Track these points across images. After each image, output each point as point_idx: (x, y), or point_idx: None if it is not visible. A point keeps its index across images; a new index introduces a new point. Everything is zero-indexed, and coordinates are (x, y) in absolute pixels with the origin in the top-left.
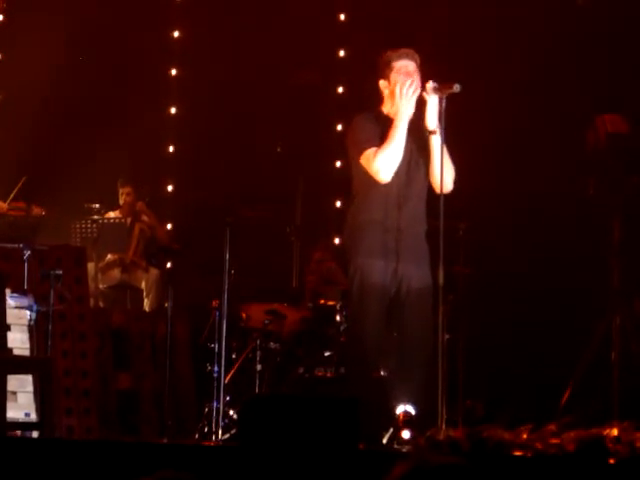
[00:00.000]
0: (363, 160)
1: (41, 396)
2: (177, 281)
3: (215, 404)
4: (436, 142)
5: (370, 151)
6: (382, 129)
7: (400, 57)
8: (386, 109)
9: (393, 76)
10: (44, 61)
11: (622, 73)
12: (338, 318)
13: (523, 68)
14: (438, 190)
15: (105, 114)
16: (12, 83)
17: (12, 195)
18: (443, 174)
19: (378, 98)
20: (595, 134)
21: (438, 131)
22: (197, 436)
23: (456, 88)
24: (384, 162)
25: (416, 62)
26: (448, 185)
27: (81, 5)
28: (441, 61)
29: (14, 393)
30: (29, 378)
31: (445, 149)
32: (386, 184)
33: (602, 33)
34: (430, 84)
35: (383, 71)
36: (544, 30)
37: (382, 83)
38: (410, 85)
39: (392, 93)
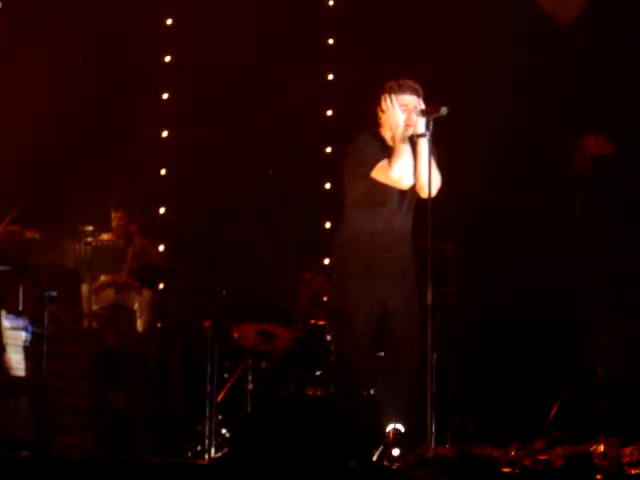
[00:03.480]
0: (377, 172)
1: (36, 416)
2: (169, 302)
3: (208, 423)
4: (424, 145)
5: (384, 162)
6: (384, 148)
7: (402, 91)
8: (384, 133)
9: (391, 110)
10: (37, 81)
11: (607, 94)
12: (328, 338)
13: (509, 88)
14: (423, 194)
15: (96, 138)
16: (5, 102)
17: (6, 222)
18: (431, 177)
19: (376, 120)
20: (580, 156)
21: (427, 135)
22: (190, 454)
23: (443, 111)
24: (402, 168)
25: (418, 95)
26: (432, 190)
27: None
28: (430, 83)
29: None
30: None
31: (433, 159)
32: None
33: (588, 55)
34: (417, 107)
35: (383, 101)
36: (530, 52)
37: (380, 110)
38: (405, 126)
39: (389, 125)
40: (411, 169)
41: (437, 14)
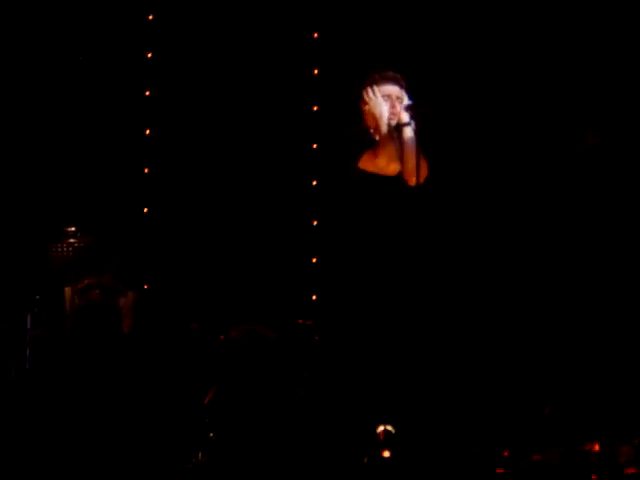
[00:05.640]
0: (364, 162)
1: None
2: (155, 303)
3: (195, 426)
4: (409, 133)
5: (370, 151)
6: (370, 140)
7: (384, 81)
8: (369, 125)
9: (374, 100)
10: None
11: (596, 87)
12: (317, 338)
13: (499, 81)
14: (410, 182)
15: (78, 137)
16: None
17: None
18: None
19: (360, 114)
20: (571, 148)
21: (412, 124)
22: (177, 459)
23: (429, 106)
24: (388, 155)
25: (401, 86)
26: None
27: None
28: (417, 77)
29: None
30: None
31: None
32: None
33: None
34: (401, 99)
35: (366, 93)
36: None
37: (363, 103)
38: (389, 115)
39: (373, 116)
40: (397, 156)
41: (424, 6)
